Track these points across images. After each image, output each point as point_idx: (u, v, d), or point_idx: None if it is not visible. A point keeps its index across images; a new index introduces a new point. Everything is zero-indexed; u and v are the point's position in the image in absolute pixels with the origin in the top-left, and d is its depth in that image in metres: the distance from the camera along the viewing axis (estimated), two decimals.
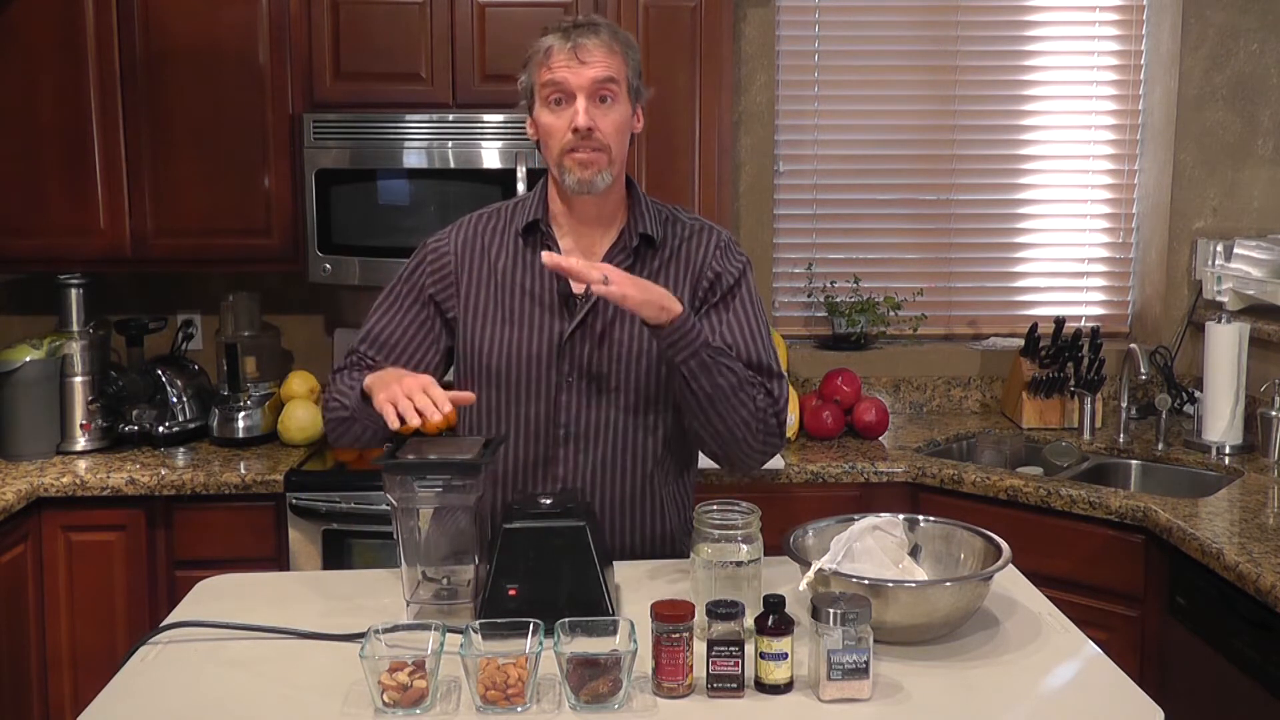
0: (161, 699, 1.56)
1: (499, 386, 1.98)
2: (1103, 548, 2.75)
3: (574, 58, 1.87)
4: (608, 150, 1.90)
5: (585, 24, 1.91)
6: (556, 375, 1.96)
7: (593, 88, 1.88)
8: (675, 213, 2.06)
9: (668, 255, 2.01)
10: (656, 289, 1.82)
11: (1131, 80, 3.71)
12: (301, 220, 3.19)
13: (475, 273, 2.02)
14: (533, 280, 1.99)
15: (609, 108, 1.90)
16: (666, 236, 2.02)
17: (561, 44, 1.88)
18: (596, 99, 1.89)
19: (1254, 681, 2.27)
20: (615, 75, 1.90)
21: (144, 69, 3.15)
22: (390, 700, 1.49)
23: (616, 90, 1.90)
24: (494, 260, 2.02)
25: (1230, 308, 3.37)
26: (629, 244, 1.99)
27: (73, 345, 3.21)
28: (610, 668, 1.48)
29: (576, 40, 1.88)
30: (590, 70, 1.87)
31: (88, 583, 2.96)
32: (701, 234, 2.03)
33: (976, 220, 3.77)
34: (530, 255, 2.00)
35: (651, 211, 2.03)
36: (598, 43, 1.88)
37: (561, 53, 1.88)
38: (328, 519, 2.95)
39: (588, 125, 1.87)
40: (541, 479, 1.99)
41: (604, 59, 1.88)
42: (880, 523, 1.81)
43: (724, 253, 2.02)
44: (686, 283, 2.00)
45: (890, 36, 3.70)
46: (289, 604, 1.85)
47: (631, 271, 1.94)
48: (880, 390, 3.65)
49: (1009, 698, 1.55)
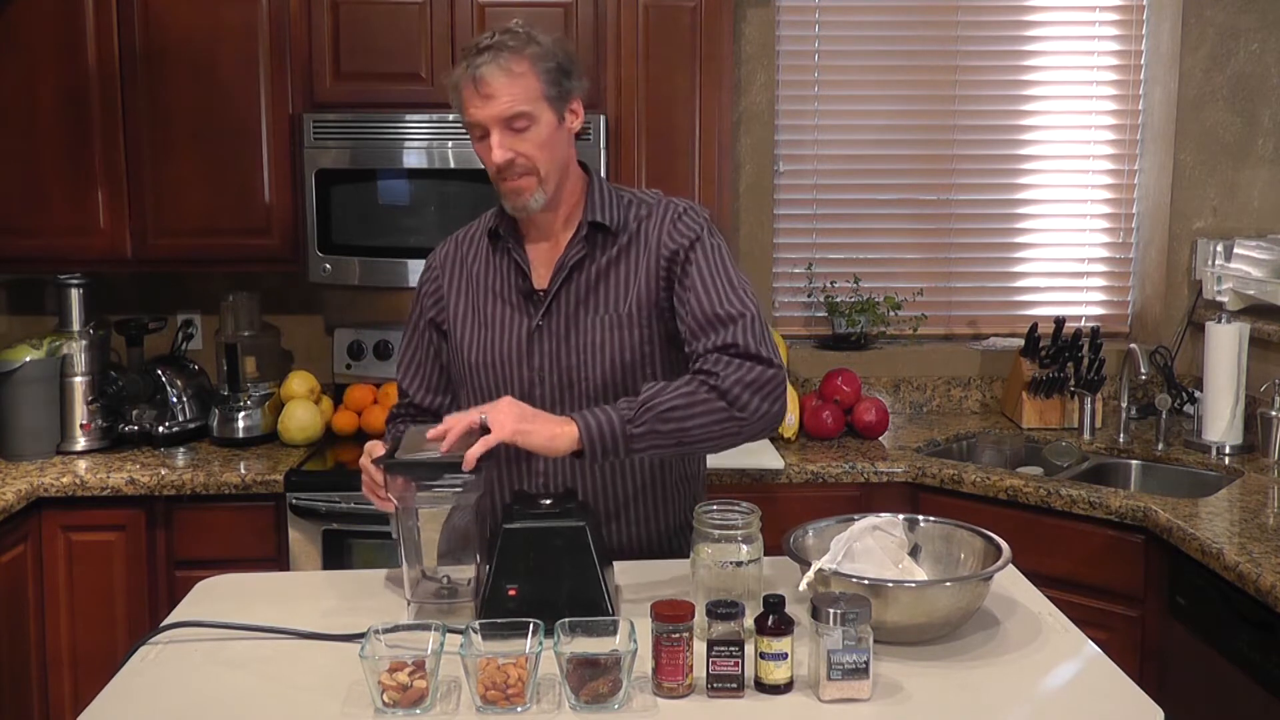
0: (161, 699, 1.56)
1: (478, 385, 2.02)
2: (1103, 548, 2.75)
3: (476, 94, 1.86)
4: (535, 171, 1.90)
5: (487, 47, 1.86)
6: (528, 371, 1.99)
7: (501, 122, 1.87)
8: (636, 195, 2.04)
9: (626, 240, 1.98)
10: (540, 427, 1.75)
11: (1131, 80, 3.71)
12: (301, 220, 3.19)
13: (458, 283, 2.07)
14: (500, 282, 2.03)
15: (525, 133, 1.88)
16: (625, 220, 1.99)
17: (465, 78, 1.87)
18: (510, 130, 1.87)
19: (1254, 681, 2.27)
20: (520, 103, 1.86)
21: (144, 69, 3.15)
22: (390, 700, 1.49)
23: (527, 114, 1.87)
24: (470, 268, 2.07)
25: (1230, 308, 3.37)
26: (580, 234, 1.98)
27: (73, 345, 3.21)
28: (610, 668, 1.48)
29: (475, 72, 1.85)
30: (493, 106, 1.86)
31: (88, 583, 2.96)
32: (655, 209, 2.00)
33: (976, 220, 3.77)
34: (498, 258, 2.04)
35: (609, 198, 2.00)
36: (496, 70, 1.85)
37: (467, 88, 1.87)
38: (328, 519, 2.95)
39: (505, 160, 1.88)
40: (523, 474, 2.00)
41: (504, 88, 1.85)
42: (880, 523, 1.81)
43: (674, 225, 1.97)
44: (646, 262, 1.96)
45: (890, 36, 3.70)
46: (289, 604, 1.85)
47: (586, 260, 1.96)
48: (880, 390, 3.65)
49: (1009, 698, 1.55)
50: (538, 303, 1.99)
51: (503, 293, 2.02)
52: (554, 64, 1.90)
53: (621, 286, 1.97)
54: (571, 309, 1.98)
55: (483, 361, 2.01)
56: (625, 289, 1.96)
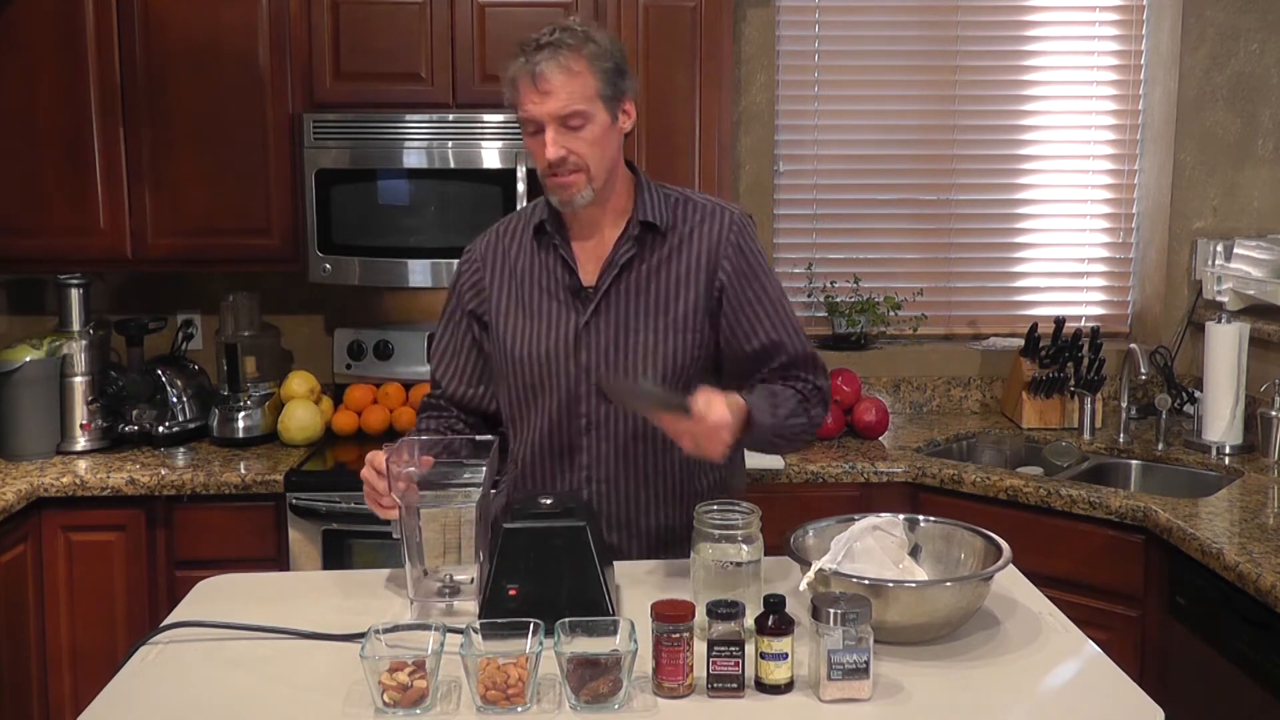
0: (161, 699, 1.56)
1: (522, 379, 2.03)
2: (1103, 548, 2.75)
3: (535, 89, 1.87)
4: (585, 169, 1.92)
5: (546, 43, 1.88)
6: (575, 366, 1.99)
7: (557, 119, 1.88)
8: (687, 195, 2.06)
9: (677, 241, 2.01)
10: (728, 424, 1.76)
11: (1131, 80, 3.71)
12: (301, 220, 3.19)
13: (500, 275, 2.07)
14: (546, 277, 2.03)
15: (579, 131, 1.90)
16: (676, 221, 2.02)
17: (524, 73, 1.88)
18: (565, 126, 1.89)
19: (1254, 681, 2.27)
20: (578, 102, 1.88)
21: (144, 69, 3.15)
22: (390, 700, 1.49)
23: (583, 113, 1.89)
24: (514, 261, 2.07)
25: (1230, 308, 3.37)
26: (632, 232, 2.00)
27: (73, 345, 3.21)
28: (610, 668, 1.48)
29: (535, 68, 1.86)
30: (551, 103, 1.87)
31: (88, 583, 2.96)
32: (712, 216, 2.02)
33: (976, 220, 3.77)
34: (543, 254, 2.04)
35: (658, 197, 2.03)
36: (556, 67, 1.86)
37: (525, 83, 1.88)
38: (328, 519, 2.95)
39: (558, 157, 1.89)
40: (566, 468, 2.03)
41: (563, 85, 1.87)
42: (880, 523, 1.81)
43: (734, 240, 2.01)
44: (701, 266, 1.99)
45: (890, 36, 3.70)
46: (289, 604, 1.85)
47: (636, 260, 1.99)
48: (880, 390, 3.65)
49: (1009, 698, 1.55)
50: (586, 299, 2.00)
51: (548, 287, 2.03)
52: (611, 64, 1.92)
53: (673, 288, 1.99)
54: (620, 307, 1.99)
55: (528, 355, 2.01)
56: (677, 291, 1.99)
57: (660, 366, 1.98)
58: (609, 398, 1.95)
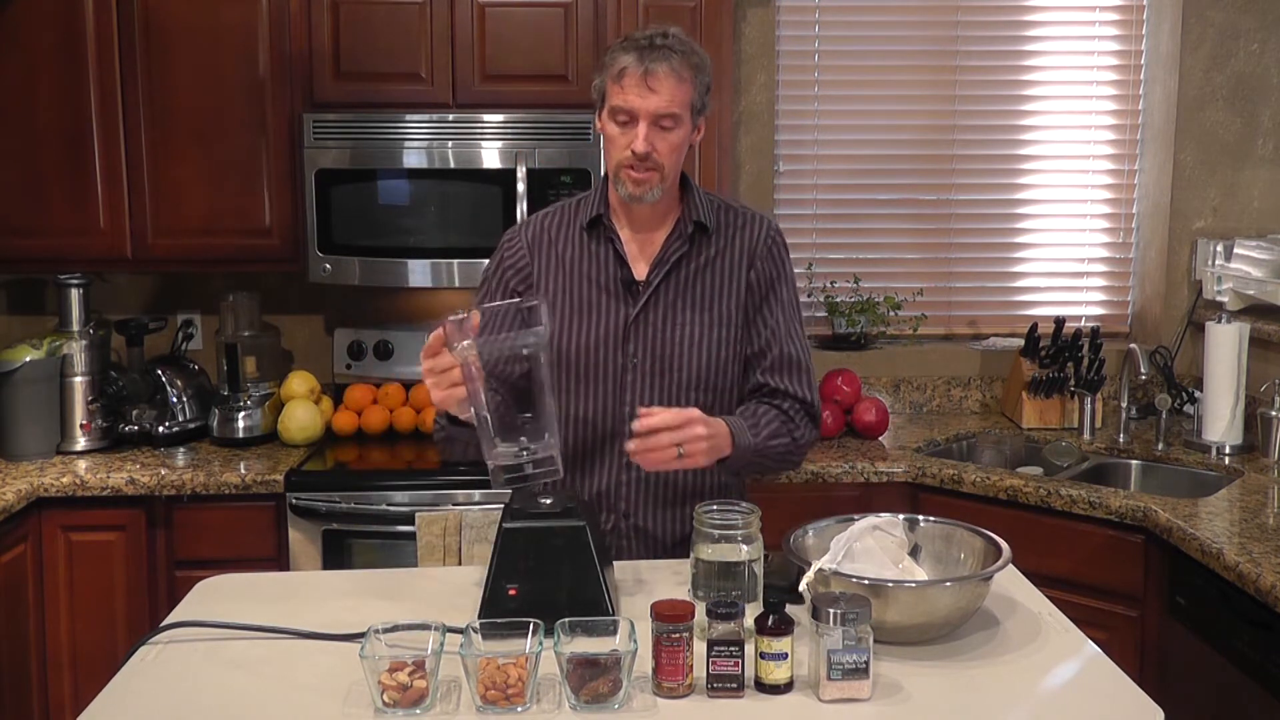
0: (161, 699, 1.56)
1: (569, 370, 2.08)
2: (1103, 548, 2.75)
3: (644, 85, 1.95)
4: (661, 169, 2.00)
5: (662, 46, 1.97)
6: (622, 358, 2.06)
7: (656, 117, 1.97)
8: (727, 202, 2.17)
9: (723, 243, 2.11)
10: (715, 440, 1.92)
11: (1131, 80, 3.71)
12: (301, 220, 3.19)
13: (545, 264, 2.12)
14: (598, 270, 2.09)
15: (669, 132, 1.99)
16: (720, 224, 2.12)
17: (635, 67, 1.96)
18: (658, 126, 1.98)
19: (1254, 681, 2.27)
20: (679, 107, 1.98)
21: (144, 69, 3.15)
22: (390, 700, 1.49)
23: (677, 118, 1.99)
24: (561, 252, 2.12)
25: (1230, 308, 3.37)
26: (685, 232, 2.09)
27: (73, 345, 3.21)
28: (610, 668, 1.48)
29: (649, 66, 1.95)
30: (656, 100, 1.96)
31: (88, 583, 2.96)
32: (753, 222, 2.14)
33: (976, 220, 3.77)
34: (594, 246, 2.10)
35: (704, 201, 2.13)
36: (669, 70, 1.96)
37: (633, 76, 1.96)
38: (328, 519, 2.95)
39: (646, 151, 1.97)
40: (610, 456, 2.08)
41: (672, 89, 1.96)
42: (880, 523, 1.81)
43: (772, 249, 2.13)
44: (742, 268, 2.10)
45: (890, 36, 3.70)
46: (289, 604, 1.85)
47: (686, 258, 2.08)
48: (880, 390, 3.65)
49: (1009, 698, 1.55)
50: (637, 293, 2.07)
51: (599, 280, 2.09)
52: (707, 80, 2.04)
53: (719, 286, 2.09)
54: (669, 301, 2.08)
55: (578, 345, 2.07)
56: (722, 289, 2.09)
57: (703, 358, 2.07)
58: None
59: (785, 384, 2.09)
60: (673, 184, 2.07)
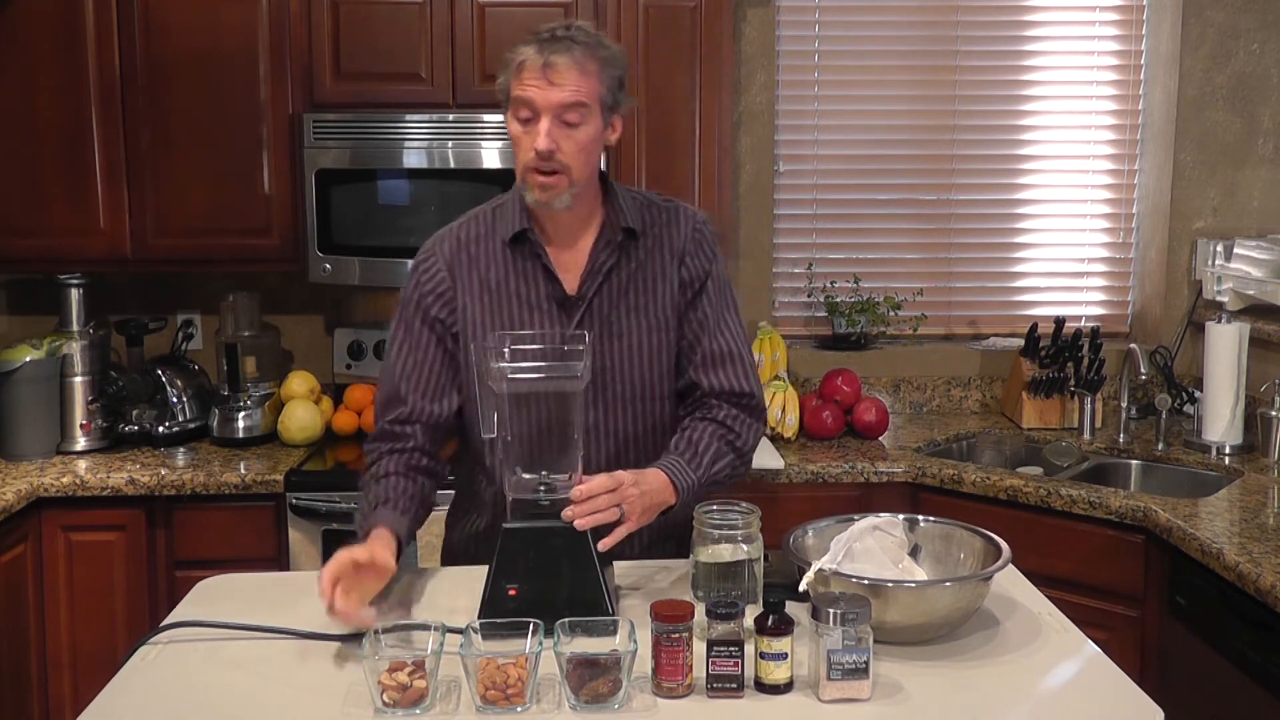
0: (161, 699, 1.56)
1: (507, 394, 1.97)
2: (1103, 548, 2.75)
3: (544, 77, 1.85)
4: (568, 171, 1.89)
5: (563, 37, 1.87)
6: None
7: (558, 110, 1.86)
8: (648, 197, 2.08)
9: (651, 243, 2.02)
10: (650, 495, 1.83)
11: (1131, 80, 3.71)
12: (301, 220, 3.19)
13: (468, 285, 2.01)
14: (526, 288, 2.00)
15: (574, 129, 1.88)
16: (646, 224, 2.03)
17: (534, 59, 1.85)
18: (562, 121, 1.86)
19: (1254, 681, 2.27)
20: (584, 98, 1.87)
21: (144, 69, 3.15)
22: (390, 700, 1.49)
23: (584, 113, 1.87)
24: (484, 272, 2.01)
25: (1230, 308, 3.37)
26: (614, 239, 1.99)
27: (73, 345, 3.21)
28: (610, 668, 1.48)
29: (549, 57, 1.84)
30: (558, 93, 1.85)
31: (88, 583, 2.96)
32: (675, 216, 2.04)
33: (976, 220, 3.77)
34: (520, 262, 1.99)
35: (628, 203, 2.02)
36: (570, 62, 1.85)
37: (533, 69, 1.85)
38: (328, 519, 2.95)
39: (549, 149, 1.86)
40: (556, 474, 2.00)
41: (574, 81, 1.85)
42: (880, 523, 1.81)
43: (698, 243, 2.04)
44: (673, 267, 2.02)
45: (890, 36, 3.70)
46: (289, 604, 1.85)
47: (618, 265, 1.98)
48: (880, 390, 3.65)
49: (1009, 698, 1.55)
50: (571, 308, 1.98)
51: (528, 298, 1.99)
52: (619, 74, 1.93)
53: (651, 290, 2.00)
54: (605, 315, 1.99)
55: None
56: (655, 292, 2.00)
57: (643, 368, 2.00)
58: None
59: (718, 380, 2.00)
60: (587, 187, 1.95)
